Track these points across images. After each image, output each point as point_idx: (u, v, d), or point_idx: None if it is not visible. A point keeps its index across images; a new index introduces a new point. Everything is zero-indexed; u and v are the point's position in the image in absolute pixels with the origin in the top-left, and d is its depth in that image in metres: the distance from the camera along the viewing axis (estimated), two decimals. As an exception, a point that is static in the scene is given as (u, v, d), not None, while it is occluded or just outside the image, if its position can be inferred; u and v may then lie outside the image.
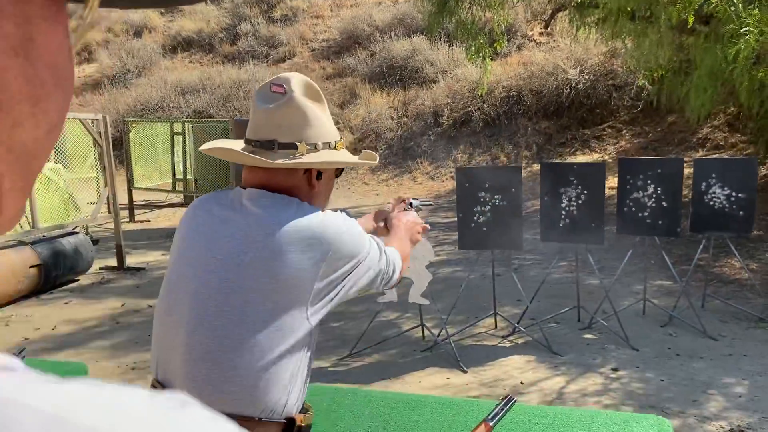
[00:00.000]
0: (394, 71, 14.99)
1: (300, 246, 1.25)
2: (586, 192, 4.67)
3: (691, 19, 5.27)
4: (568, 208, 4.72)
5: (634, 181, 4.80)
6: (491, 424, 1.81)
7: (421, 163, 12.63)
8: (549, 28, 13.18)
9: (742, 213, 4.79)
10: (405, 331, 4.96)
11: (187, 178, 11.14)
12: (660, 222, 4.77)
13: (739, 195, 4.78)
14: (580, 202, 4.68)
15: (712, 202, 4.85)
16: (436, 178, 12.11)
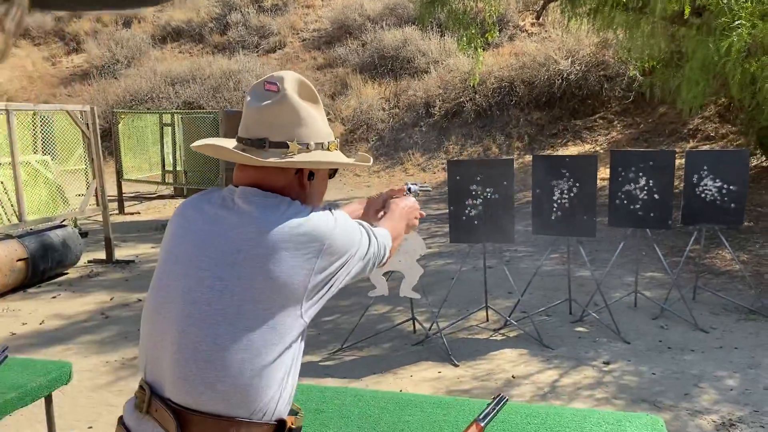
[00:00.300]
0: (386, 61, 14.91)
1: (293, 244, 1.24)
2: (578, 184, 4.65)
3: (688, 9, 5.24)
4: (559, 201, 4.70)
5: (625, 173, 4.79)
6: (482, 424, 1.79)
7: (413, 154, 12.60)
8: (540, 19, 13.13)
9: (733, 205, 4.79)
10: (396, 324, 4.94)
11: (177, 169, 11.06)
12: (652, 214, 4.76)
13: (731, 187, 4.78)
14: (572, 194, 4.66)
15: (703, 194, 4.84)
16: (427, 170, 12.08)
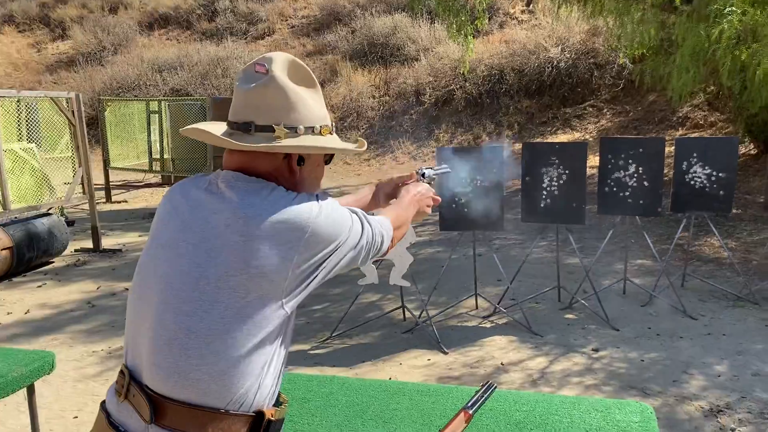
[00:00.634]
0: (376, 49, 14.81)
1: (273, 232, 1.19)
2: (567, 172, 4.63)
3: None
4: (549, 188, 4.68)
5: (615, 160, 4.77)
6: (471, 412, 1.77)
7: (403, 142, 12.55)
8: (531, 6, 13.08)
9: (722, 192, 4.79)
10: (386, 312, 4.92)
11: (164, 157, 10.96)
12: (641, 201, 4.76)
13: (720, 174, 4.78)
14: (562, 181, 4.65)
15: (693, 182, 4.84)
16: (418, 158, 12.04)
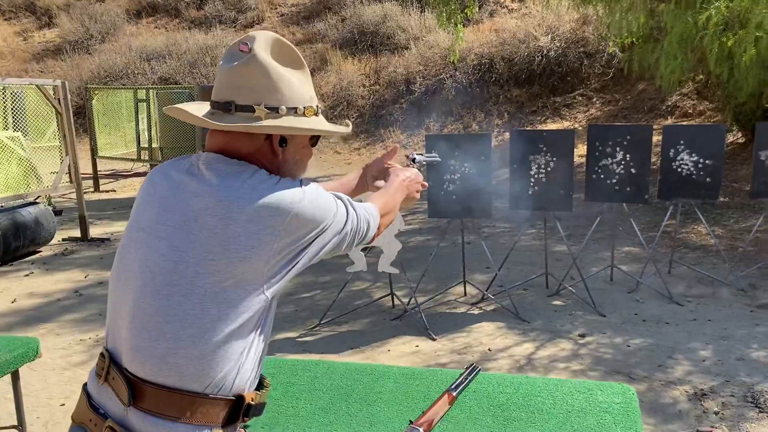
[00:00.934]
0: (366, 37, 14.74)
1: (254, 216, 1.17)
2: (554, 159, 4.64)
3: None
4: (537, 176, 4.69)
5: (603, 147, 4.78)
6: (454, 394, 1.78)
7: (393, 131, 12.52)
8: (521, -6, 13.04)
9: (709, 179, 4.82)
10: (375, 300, 4.92)
11: (153, 146, 10.88)
12: (628, 189, 4.78)
13: (707, 162, 4.80)
14: (549, 169, 4.66)
15: (680, 169, 4.86)
16: (408, 147, 12.02)
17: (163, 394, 1.17)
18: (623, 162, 4.75)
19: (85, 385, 1.31)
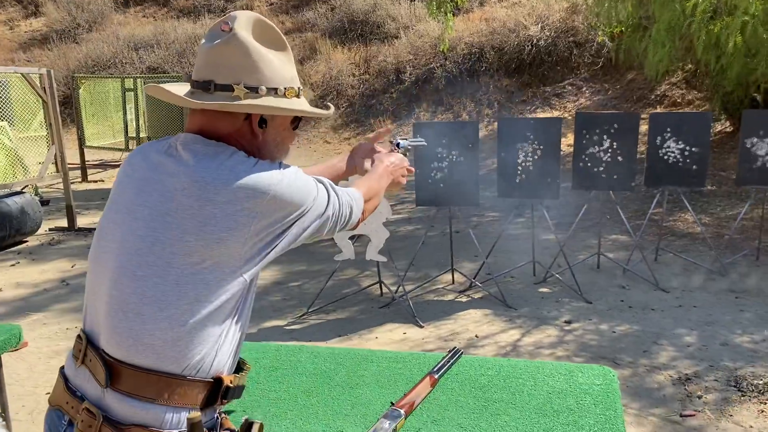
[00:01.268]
0: (355, 26, 14.67)
1: (230, 197, 1.16)
2: (542, 147, 4.65)
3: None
4: (524, 164, 4.70)
5: (590, 135, 4.79)
6: (436, 376, 1.78)
7: (384, 121, 12.49)
8: (511, -17, 13.01)
9: (695, 167, 4.84)
10: (363, 288, 4.93)
11: (141, 136, 10.81)
12: (615, 177, 4.79)
13: (693, 149, 4.83)
14: (536, 157, 4.66)
15: (666, 157, 4.88)
16: (398, 136, 12.00)
17: (141, 376, 1.17)
18: (610, 150, 4.76)
19: (62, 368, 1.31)
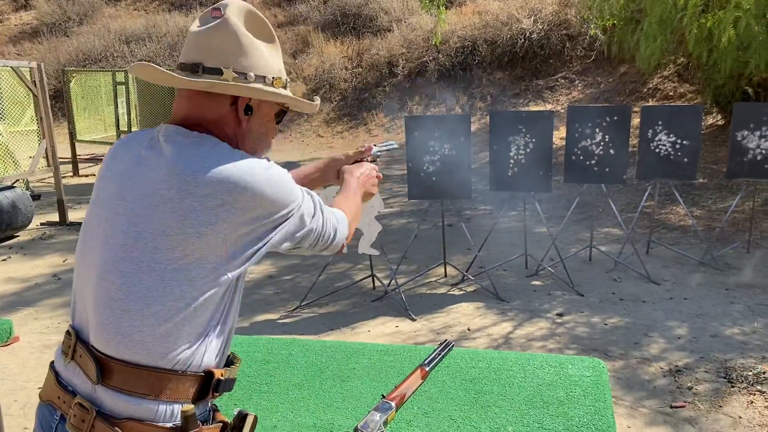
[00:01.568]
0: (348, 19, 14.63)
1: (210, 190, 1.14)
2: (534, 140, 4.65)
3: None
4: (516, 157, 4.70)
5: (582, 129, 4.80)
6: (427, 369, 1.79)
7: (376, 114, 12.48)
8: (504, -24, 12.98)
9: (686, 160, 4.86)
10: (356, 281, 4.93)
11: (132, 129, 10.75)
12: (607, 170, 4.81)
13: (684, 142, 4.84)
14: (528, 150, 4.67)
15: (658, 149, 4.90)
16: (391, 130, 11.99)
17: (131, 371, 1.16)
18: (602, 143, 4.77)
19: (52, 363, 1.30)
